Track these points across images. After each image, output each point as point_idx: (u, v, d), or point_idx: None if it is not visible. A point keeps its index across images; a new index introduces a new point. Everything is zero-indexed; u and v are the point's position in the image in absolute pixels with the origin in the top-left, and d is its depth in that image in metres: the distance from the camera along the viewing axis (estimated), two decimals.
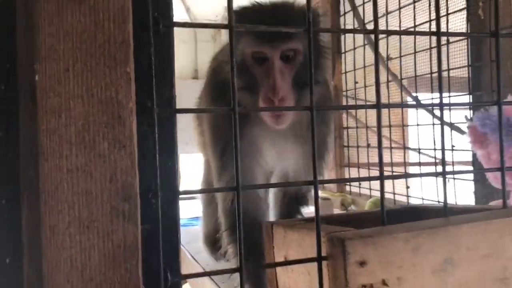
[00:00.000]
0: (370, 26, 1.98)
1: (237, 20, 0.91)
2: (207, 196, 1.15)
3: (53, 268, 0.43)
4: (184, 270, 0.51)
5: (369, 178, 0.64)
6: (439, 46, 0.66)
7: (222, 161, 0.94)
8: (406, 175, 1.88)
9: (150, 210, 0.49)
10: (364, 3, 2.14)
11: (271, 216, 1.14)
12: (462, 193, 1.64)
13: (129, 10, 0.46)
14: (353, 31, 1.34)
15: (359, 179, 0.83)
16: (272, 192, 1.16)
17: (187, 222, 1.99)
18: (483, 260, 0.58)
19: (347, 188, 2.30)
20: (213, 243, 1.19)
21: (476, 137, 1.24)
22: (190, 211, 2.00)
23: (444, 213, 0.63)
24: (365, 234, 0.55)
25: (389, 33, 1.85)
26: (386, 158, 2.02)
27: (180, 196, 0.52)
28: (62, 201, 0.43)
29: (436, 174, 0.67)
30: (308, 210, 1.28)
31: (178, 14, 4.04)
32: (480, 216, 0.61)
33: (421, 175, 1.06)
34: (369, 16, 2.14)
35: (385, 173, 0.62)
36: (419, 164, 2.09)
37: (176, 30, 0.53)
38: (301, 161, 1.05)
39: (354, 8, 2.21)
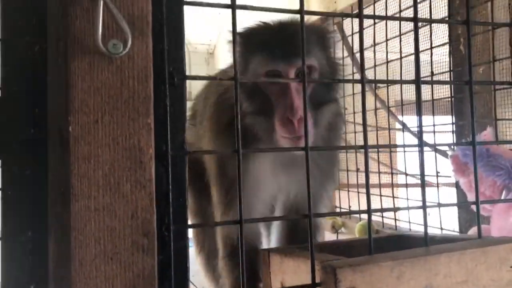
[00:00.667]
0: (369, 52, 2.07)
1: (244, 42, 0.91)
2: (200, 219, 1.18)
3: None
4: None
5: (359, 212, 0.71)
6: (418, 74, 0.73)
7: (228, 198, 0.94)
8: (395, 209, 1.96)
9: (163, 242, 0.55)
10: (352, 34, 2.24)
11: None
12: (447, 218, 1.71)
13: (151, 69, 0.53)
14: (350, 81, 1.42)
15: (350, 213, 0.89)
16: (282, 222, 1.15)
17: None
18: (460, 287, 0.65)
19: (337, 210, 2.36)
20: (213, 269, 1.18)
21: (458, 166, 1.32)
22: None
23: (425, 243, 0.70)
24: (354, 263, 0.61)
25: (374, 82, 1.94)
26: (374, 180, 2.10)
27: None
28: (89, 237, 0.50)
29: (418, 207, 0.74)
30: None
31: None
32: (456, 246, 0.68)
33: (408, 208, 1.13)
34: (358, 45, 2.24)
35: (373, 195, 0.70)
36: (406, 186, 2.17)
37: None
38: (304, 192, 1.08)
39: (343, 37, 2.32)
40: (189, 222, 0.71)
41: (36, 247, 0.57)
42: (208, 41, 4.20)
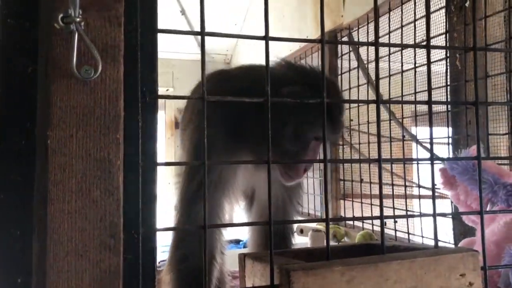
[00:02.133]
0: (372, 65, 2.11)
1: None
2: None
3: (54, 287, 0.56)
4: None
5: (318, 220, 0.76)
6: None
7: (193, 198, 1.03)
8: (373, 217, 1.98)
9: (132, 243, 0.63)
10: (359, 47, 2.29)
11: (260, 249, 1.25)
12: (443, 229, 1.73)
13: (121, 90, 0.60)
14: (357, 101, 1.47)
15: (310, 221, 0.94)
16: (260, 227, 1.25)
17: None
18: None
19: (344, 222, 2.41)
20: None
21: (447, 179, 1.35)
22: None
23: (382, 251, 0.75)
24: (308, 267, 0.67)
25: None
26: (387, 191, 2.13)
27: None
28: (63, 236, 0.57)
29: (401, 216, 0.79)
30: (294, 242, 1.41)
31: (191, 48, 4.24)
32: (408, 255, 0.73)
33: (394, 217, 1.17)
34: (372, 55, 2.29)
35: (386, 206, 0.75)
36: (419, 197, 2.20)
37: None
38: (280, 195, 1.17)
39: (356, 49, 2.36)
40: None
41: (23, 245, 0.65)
42: (225, 51, 4.30)
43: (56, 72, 0.58)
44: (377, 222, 2.14)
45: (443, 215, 0.80)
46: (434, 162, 1.36)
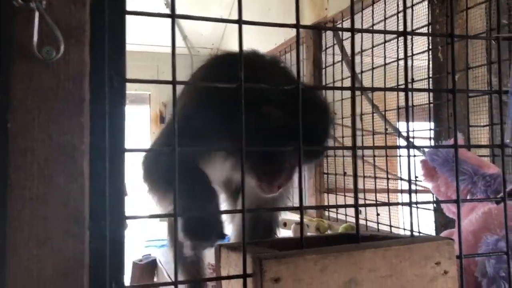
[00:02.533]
0: (356, 59, 2.11)
1: None
2: None
3: (14, 275, 0.54)
4: None
5: (292, 208, 0.75)
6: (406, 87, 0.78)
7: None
8: (328, 206, 1.98)
9: (99, 231, 0.61)
10: (353, 35, 2.27)
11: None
12: (425, 221, 1.74)
13: (86, 74, 0.58)
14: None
15: (281, 209, 0.93)
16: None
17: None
18: (383, 281, 0.69)
19: (326, 213, 2.41)
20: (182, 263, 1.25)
21: (427, 171, 1.35)
22: None
23: (357, 240, 0.74)
24: (281, 255, 0.66)
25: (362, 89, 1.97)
26: (369, 185, 2.13)
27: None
28: (24, 223, 0.55)
29: (381, 204, 0.78)
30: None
31: (177, 42, 4.19)
32: (383, 243, 0.72)
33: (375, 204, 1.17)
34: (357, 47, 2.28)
35: (368, 200, 0.74)
36: (401, 191, 2.20)
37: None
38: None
39: (340, 41, 2.35)
40: None
41: None
42: (210, 45, 4.26)
43: (17, 53, 0.56)
44: (360, 215, 2.14)
45: (420, 203, 0.79)
46: (415, 154, 1.36)
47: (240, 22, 0.68)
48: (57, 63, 0.57)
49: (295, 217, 2.19)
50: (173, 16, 0.65)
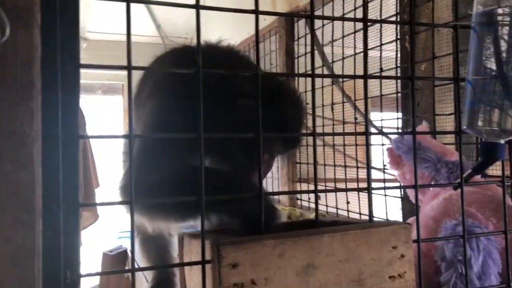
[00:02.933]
0: (327, 49, 2.12)
1: None
2: None
3: None
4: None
5: (247, 196, 0.75)
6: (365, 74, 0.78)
7: None
8: (290, 192, 2.01)
9: (53, 219, 0.60)
10: (323, 25, 2.27)
11: None
12: (394, 209, 1.77)
13: (36, 58, 0.57)
14: None
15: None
16: None
17: None
18: (341, 265, 0.70)
19: (298, 202, 2.43)
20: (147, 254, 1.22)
21: (393, 158, 1.37)
22: None
23: (316, 225, 0.75)
24: (239, 241, 0.66)
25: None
26: (342, 175, 2.15)
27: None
28: None
29: (337, 190, 0.79)
30: None
31: (149, 31, 4.15)
32: (341, 228, 0.73)
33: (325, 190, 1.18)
34: (326, 38, 2.28)
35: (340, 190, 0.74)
36: (368, 180, 2.22)
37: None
38: None
39: (312, 30, 2.35)
40: None
41: None
42: (185, 34, 4.22)
43: None
44: (331, 204, 2.17)
45: (376, 188, 0.81)
46: (383, 143, 1.37)
47: (197, 7, 0.67)
48: (3, 46, 0.55)
49: None
50: (128, 0, 0.64)
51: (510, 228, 0.91)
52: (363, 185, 0.81)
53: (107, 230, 2.76)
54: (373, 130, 1.99)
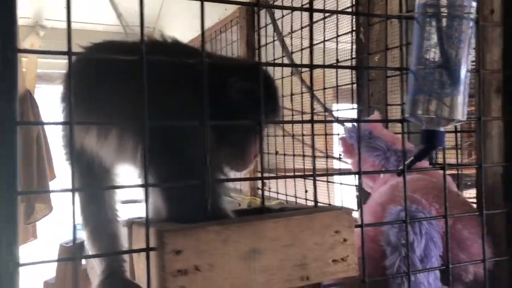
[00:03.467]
0: (288, 39, 2.13)
1: None
2: None
3: None
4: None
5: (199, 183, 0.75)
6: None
7: None
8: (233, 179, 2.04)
9: None
10: (282, 17, 2.28)
11: None
12: (350, 197, 1.82)
13: None
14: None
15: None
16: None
17: None
18: (285, 249, 0.72)
19: (259, 192, 2.44)
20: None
21: (346, 147, 1.40)
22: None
23: (261, 211, 0.77)
24: (182, 228, 0.67)
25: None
26: (301, 164, 2.18)
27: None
28: None
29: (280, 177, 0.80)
30: None
31: (110, 20, 4.05)
32: (285, 214, 0.75)
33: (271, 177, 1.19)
34: (286, 29, 2.29)
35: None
36: (326, 171, 2.27)
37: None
38: None
39: (274, 20, 2.36)
40: None
41: None
42: (146, 23, 4.14)
43: None
44: (290, 193, 2.20)
45: (320, 175, 0.83)
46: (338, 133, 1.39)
47: None
48: None
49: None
50: None
51: (451, 213, 0.96)
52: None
53: (64, 222, 2.71)
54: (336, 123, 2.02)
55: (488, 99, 1.03)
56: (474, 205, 1.16)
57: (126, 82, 0.85)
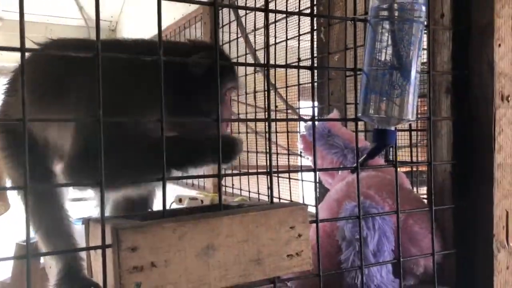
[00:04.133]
0: (251, 36, 2.14)
1: None
2: None
3: None
4: None
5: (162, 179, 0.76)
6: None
7: None
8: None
9: None
10: (246, 14, 2.29)
11: None
12: (311, 194, 1.85)
13: None
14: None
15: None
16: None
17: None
18: (240, 245, 0.73)
19: (223, 189, 2.45)
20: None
21: (306, 144, 1.43)
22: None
23: (220, 208, 0.78)
24: (138, 225, 0.67)
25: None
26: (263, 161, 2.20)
27: None
28: None
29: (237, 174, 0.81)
30: None
31: (72, 13, 3.96)
32: (241, 210, 0.76)
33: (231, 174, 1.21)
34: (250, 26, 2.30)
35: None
36: (289, 167, 2.30)
37: None
38: None
39: (237, 18, 2.37)
40: None
41: None
42: (109, 17, 4.08)
43: None
44: (253, 189, 2.22)
45: (279, 172, 0.85)
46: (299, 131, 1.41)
47: None
48: None
49: (190, 193, 2.21)
50: None
51: (403, 209, 1.00)
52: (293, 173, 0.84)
53: (21, 220, 2.64)
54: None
55: (438, 99, 1.08)
56: (426, 202, 1.21)
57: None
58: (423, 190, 1.58)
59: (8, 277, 1.79)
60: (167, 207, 1.38)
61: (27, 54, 0.63)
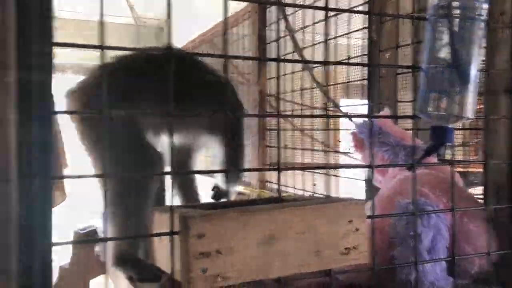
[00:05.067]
0: (299, 35, 2.17)
1: None
2: None
3: None
4: None
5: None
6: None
7: None
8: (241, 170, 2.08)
9: (28, 190, 0.63)
10: (295, 12, 2.31)
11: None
12: (359, 191, 1.86)
13: (9, 37, 0.60)
14: None
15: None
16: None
17: None
18: (299, 237, 0.76)
19: (268, 185, 2.49)
20: None
21: (357, 142, 1.44)
22: None
23: (279, 200, 0.81)
24: (205, 214, 0.71)
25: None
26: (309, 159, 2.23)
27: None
28: None
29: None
30: None
31: (123, 11, 4.09)
32: (301, 203, 0.79)
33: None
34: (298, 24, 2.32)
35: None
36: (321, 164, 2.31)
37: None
38: None
39: (285, 16, 2.39)
40: None
41: None
42: (158, 15, 4.19)
43: None
44: (298, 186, 2.25)
45: (333, 168, 0.87)
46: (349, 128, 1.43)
47: None
48: None
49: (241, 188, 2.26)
50: None
51: (458, 207, 0.99)
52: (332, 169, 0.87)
53: (79, 210, 2.77)
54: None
55: (497, 98, 1.07)
56: (480, 201, 1.20)
57: None
58: (474, 191, 1.56)
59: (67, 262, 1.90)
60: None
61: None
